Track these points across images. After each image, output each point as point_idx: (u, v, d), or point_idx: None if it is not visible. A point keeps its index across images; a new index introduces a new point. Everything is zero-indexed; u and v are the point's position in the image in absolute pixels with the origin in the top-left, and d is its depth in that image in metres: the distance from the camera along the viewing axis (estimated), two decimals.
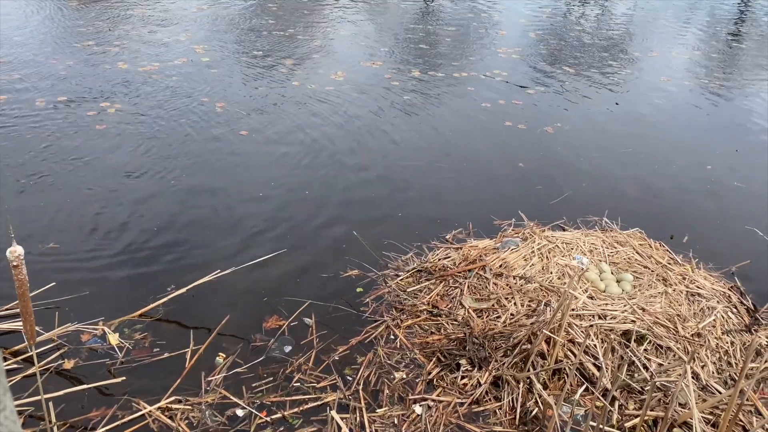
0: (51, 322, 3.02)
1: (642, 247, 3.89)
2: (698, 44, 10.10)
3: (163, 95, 6.03)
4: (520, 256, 3.66)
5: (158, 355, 2.94)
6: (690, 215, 4.66)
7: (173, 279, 3.43)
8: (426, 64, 7.80)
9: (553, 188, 4.82)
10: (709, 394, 2.86)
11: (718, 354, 3.09)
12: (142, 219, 4.01)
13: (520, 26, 10.34)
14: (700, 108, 7.02)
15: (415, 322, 3.26)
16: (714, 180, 5.22)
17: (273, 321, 3.21)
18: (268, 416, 2.66)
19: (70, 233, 3.80)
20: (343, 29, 9.19)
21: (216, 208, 4.22)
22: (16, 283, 1.91)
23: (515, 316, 3.22)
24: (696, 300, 3.43)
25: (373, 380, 2.89)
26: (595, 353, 2.96)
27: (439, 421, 2.68)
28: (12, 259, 1.87)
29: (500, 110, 6.39)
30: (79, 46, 7.33)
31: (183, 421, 2.59)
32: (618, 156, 5.54)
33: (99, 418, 2.59)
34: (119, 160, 4.70)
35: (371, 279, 3.58)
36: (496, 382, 2.89)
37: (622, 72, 8.15)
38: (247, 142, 5.20)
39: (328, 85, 6.65)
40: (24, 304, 1.96)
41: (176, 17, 9.07)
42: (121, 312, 3.16)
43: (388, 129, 5.70)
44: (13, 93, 5.78)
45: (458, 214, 4.30)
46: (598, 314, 3.14)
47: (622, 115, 6.56)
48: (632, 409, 2.79)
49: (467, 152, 5.39)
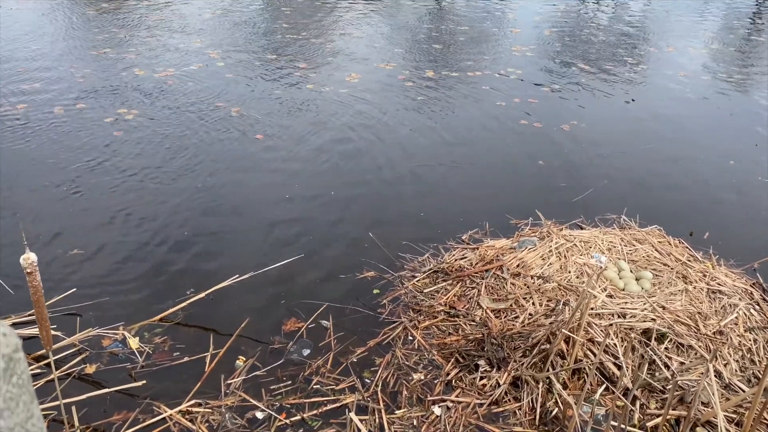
0: (72, 327, 3.06)
1: (661, 245, 3.85)
2: (715, 38, 9.99)
3: (179, 100, 6.09)
4: (537, 256, 3.64)
5: (178, 359, 2.96)
6: (711, 211, 4.61)
7: (192, 283, 3.46)
8: (440, 64, 7.79)
9: (571, 186, 4.79)
10: (732, 393, 2.82)
11: (741, 352, 3.05)
12: (161, 224, 4.04)
13: (533, 24, 10.29)
14: (718, 103, 6.93)
15: (433, 323, 3.25)
16: (737, 175, 5.15)
17: (291, 323, 3.22)
18: (288, 418, 2.67)
19: (89, 238, 3.84)
20: (356, 31, 9.21)
21: (233, 212, 4.24)
22: (30, 289, 1.93)
23: (534, 316, 3.20)
24: (717, 297, 3.38)
25: (391, 382, 2.88)
26: (615, 352, 2.93)
27: (458, 422, 2.67)
28: (26, 266, 1.89)
29: (515, 108, 6.36)
30: (95, 54, 7.42)
31: (203, 424, 2.61)
32: (636, 153, 5.49)
33: (121, 422, 2.62)
34: (137, 165, 4.74)
35: (387, 280, 3.58)
36: (515, 382, 2.87)
37: (638, 68, 8.08)
38: (262, 146, 5.22)
39: (342, 88, 6.67)
40: (39, 310, 1.98)
41: (191, 23, 9.15)
42: (141, 316, 3.19)
43: (402, 130, 5.70)
44: (31, 101, 5.86)
45: (474, 214, 4.28)
46: (617, 313, 3.11)
47: (639, 111, 6.50)
48: (654, 408, 2.76)
49: (482, 151, 5.38)
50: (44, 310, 1.99)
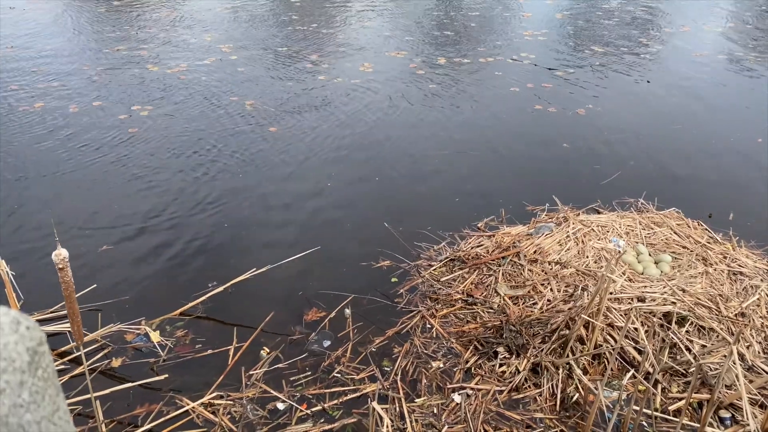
0: (94, 323, 3.10)
1: (680, 227, 3.81)
2: (731, 16, 9.82)
3: (192, 95, 6.11)
4: (554, 241, 3.62)
5: (199, 352, 2.99)
6: (729, 192, 4.54)
7: (212, 278, 3.48)
8: (451, 51, 7.74)
9: (587, 171, 4.75)
10: (755, 375, 2.79)
11: (764, 333, 3.02)
12: (179, 219, 4.07)
13: (545, 7, 10.18)
14: (737, 81, 6.82)
15: (451, 311, 3.25)
16: (761, 154, 5.08)
17: (313, 313, 3.24)
18: (309, 409, 2.68)
19: (107, 235, 3.88)
20: (367, 20, 9.17)
21: (250, 206, 4.26)
22: (62, 285, 1.96)
23: (552, 302, 3.19)
24: (738, 279, 3.35)
25: (410, 370, 2.89)
26: (636, 337, 2.91)
27: (478, 410, 2.68)
28: (57, 262, 1.91)
29: (529, 94, 6.31)
30: (109, 51, 7.47)
31: (225, 416, 2.64)
32: (653, 135, 5.42)
33: (144, 415, 2.65)
34: (154, 161, 4.77)
35: (404, 270, 3.58)
36: (534, 368, 2.86)
37: (652, 49, 7.97)
38: (276, 138, 5.23)
39: (354, 78, 6.66)
40: (70, 305, 2.01)
41: (202, 18, 9.16)
42: (162, 311, 3.22)
43: (414, 119, 5.68)
44: (47, 100, 5.91)
45: (489, 202, 4.26)
46: (637, 297, 3.08)
47: (655, 93, 6.42)
48: (676, 392, 2.74)
49: (496, 138, 5.34)
50: (75, 305, 2.02)
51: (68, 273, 1.94)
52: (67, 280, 1.95)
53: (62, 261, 1.91)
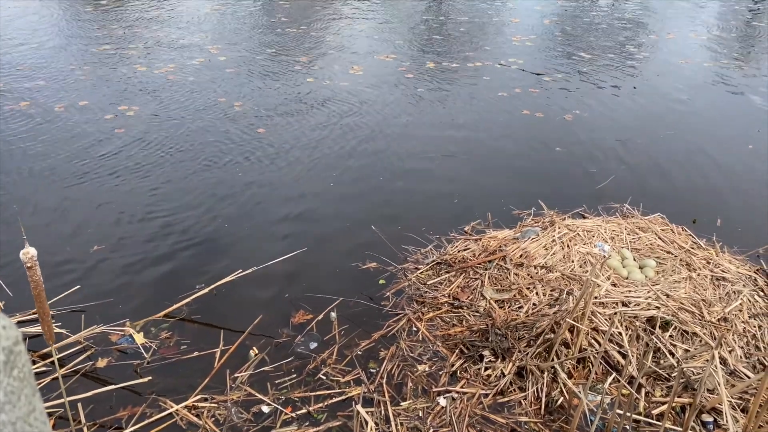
0: (77, 325, 3.07)
1: (664, 232, 3.84)
2: (716, 23, 9.93)
3: (180, 96, 6.08)
4: (540, 246, 3.64)
5: (184, 354, 2.97)
6: (712, 198, 4.58)
7: (198, 280, 3.47)
8: (440, 55, 7.76)
9: (574, 175, 4.78)
10: (737, 379, 2.82)
11: (746, 338, 3.05)
12: (165, 221, 4.04)
13: (533, 13, 10.25)
14: (721, 87, 6.90)
15: (437, 314, 3.25)
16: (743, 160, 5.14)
17: (300, 316, 3.23)
18: (293, 412, 2.68)
19: (94, 235, 3.85)
20: (356, 24, 9.18)
21: (237, 208, 4.24)
22: (30, 284, 1.93)
23: (537, 306, 3.20)
24: (721, 284, 3.38)
25: (396, 373, 2.89)
26: (620, 341, 2.93)
27: (463, 413, 2.68)
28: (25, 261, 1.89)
29: (517, 99, 6.34)
30: (96, 51, 7.42)
31: (209, 418, 2.62)
32: (639, 141, 5.46)
33: (127, 417, 2.63)
34: (139, 162, 4.74)
35: (391, 273, 3.59)
36: (520, 372, 2.88)
37: (639, 56, 8.04)
38: (264, 140, 5.22)
39: (342, 81, 6.66)
40: (40, 305, 1.98)
41: (190, 18, 9.13)
42: (147, 313, 3.20)
43: (403, 122, 5.69)
44: (33, 99, 5.86)
45: (476, 205, 4.28)
46: (621, 301, 3.11)
47: (641, 99, 6.47)
48: (659, 396, 2.76)
49: (483, 142, 5.37)
50: (45, 305, 1.99)
51: (37, 272, 1.91)
52: (36, 279, 1.92)
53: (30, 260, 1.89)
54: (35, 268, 1.91)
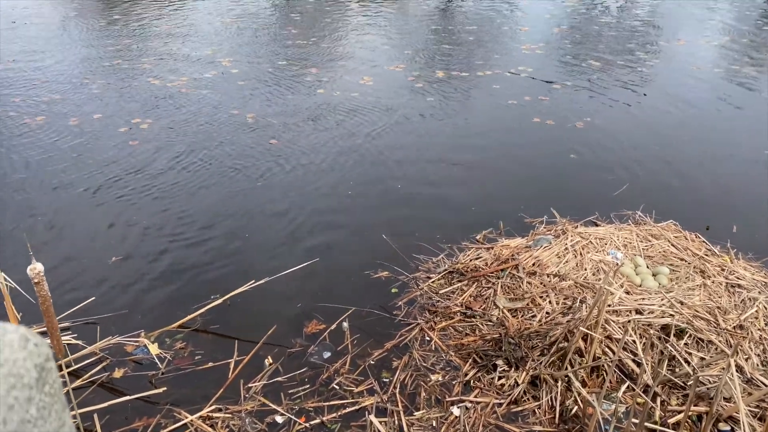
0: (93, 336, 3.10)
1: (677, 240, 3.82)
2: (727, 29, 9.89)
3: (193, 109, 6.14)
4: (553, 254, 3.63)
5: (198, 365, 2.99)
6: (727, 204, 4.55)
7: (213, 290, 3.49)
8: (450, 64, 7.78)
9: (586, 183, 4.77)
10: (754, 387, 2.79)
11: (762, 346, 3.02)
12: (178, 232, 4.08)
13: (542, 21, 10.25)
14: (733, 94, 6.86)
15: (449, 323, 3.25)
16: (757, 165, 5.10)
17: (313, 326, 3.24)
18: (307, 422, 2.68)
19: (108, 249, 3.89)
20: (365, 35, 9.24)
21: (250, 219, 4.27)
22: (39, 299, 1.96)
23: (551, 315, 3.20)
24: (736, 291, 3.35)
25: (409, 383, 2.89)
26: (634, 349, 2.91)
27: (477, 423, 2.67)
28: (32, 276, 1.92)
29: (527, 107, 6.34)
30: (108, 65, 7.51)
31: (224, 429, 2.63)
32: (650, 148, 5.44)
33: (142, 428, 2.65)
34: (153, 175, 4.79)
35: (403, 282, 3.59)
36: (533, 381, 2.87)
37: (649, 62, 8.02)
38: (277, 151, 5.25)
39: (353, 91, 6.69)
40: (49, 319, 2.00)
41: (202, 31, 9.22)
42: (162, 323, 3.22)
43: (413, 132, 5.70)
44: (48, 114, 5.94)
45: (488, 214, 4.28)
46: (635, 309, 3.09)
47: (652, 106, 6.45)
48: (675, 404, 2.74)
49: (494, 151, 5.37)
50: (54, 319, 2.02)
51: (44, 287, 1.94)
52: (44, 294, 1.95)
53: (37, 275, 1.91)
54: (42, 284, 1.94)
